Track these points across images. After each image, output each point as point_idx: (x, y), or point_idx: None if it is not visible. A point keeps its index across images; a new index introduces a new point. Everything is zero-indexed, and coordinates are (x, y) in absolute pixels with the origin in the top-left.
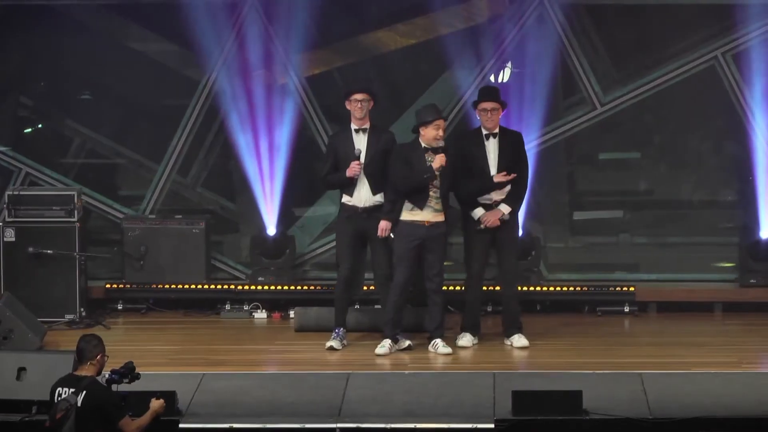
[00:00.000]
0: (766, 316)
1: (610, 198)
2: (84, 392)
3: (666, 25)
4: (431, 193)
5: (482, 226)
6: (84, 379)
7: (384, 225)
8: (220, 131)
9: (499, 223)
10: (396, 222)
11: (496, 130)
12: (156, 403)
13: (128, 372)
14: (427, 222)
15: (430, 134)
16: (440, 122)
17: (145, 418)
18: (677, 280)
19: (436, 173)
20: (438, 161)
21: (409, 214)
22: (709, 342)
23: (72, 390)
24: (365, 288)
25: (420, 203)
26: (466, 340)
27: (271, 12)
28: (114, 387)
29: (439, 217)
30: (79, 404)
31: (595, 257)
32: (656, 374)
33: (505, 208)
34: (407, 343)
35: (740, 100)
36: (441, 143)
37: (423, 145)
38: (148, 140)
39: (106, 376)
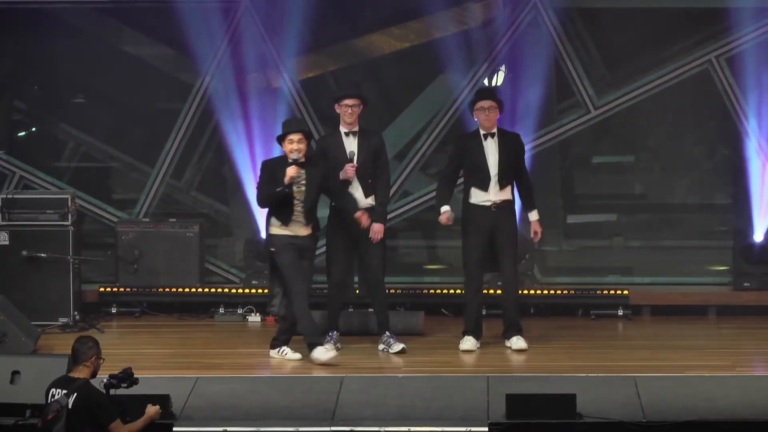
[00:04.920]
0: (760, 319)
1: (604, 201)
2: (75, 394)
3: (660, 28)
4: (297, 208)
5: (443, 220)
6: (76, 380)
7: (377, 228)
8: (214, 135)
9: (540, 236)
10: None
11: (494, 130)
12: (151, 409)
13: (126, 377)
14: (299, 236)
15: (285, 148)
16: (293, 136)
17: (137, 424)
18: (671, 283)
19: (287, 186)
20: (287, 174)
21: (278, 229)
22: (703, 345)
23: (64, 391)
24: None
25: (284, 218)
26: (469, 343)
27: (265, 15)
28: (112, 392)
29: (308, 231)
30: (70, 406)
31: (589, 260)
32: (650, 377)
33: (535, 215)
34: (401, 346)
35: (734, 104)
36: (296, 156)
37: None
38: (141, 144)
39: (105, 380)
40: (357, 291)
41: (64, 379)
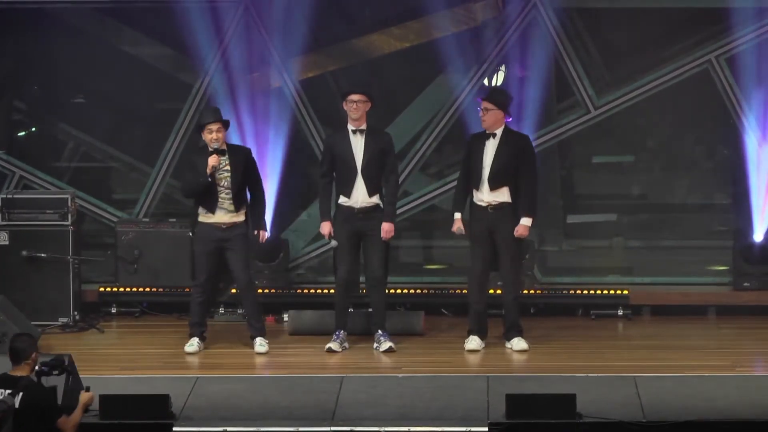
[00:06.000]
0: (760, 319)
1: (604, 201)
2: (22, 393)
3: (660, 28)
4: (221, 195)
5: (455, 230)
6: (21, 379)
7: (387, 227)
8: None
9: (525, 234)
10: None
11: (495, 131)
12: (85, 396)
13: (58, 365)
14: (224, 224)
15: (205, 138)
16: (212, 126)
17: (77, 414)
18: (671, 283)
19: (210, 176)
20: (209, 163)
21: (204, 217)
22: (703, 345)
23: (8, 391)
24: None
25: (210, 206)
26: (474, 343)
27: (265, 15)
28: (44, 380)
29: (237, 218)
30: (17, 405)
31: (589, 260)
32: (650, 377)
33: (525, 221)
34: (389, 344)
35: (734, 104)
36: (216, 145)
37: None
38: (141, 144)
39: (36, 368)
40: (364, 290)
41: (6, 378)
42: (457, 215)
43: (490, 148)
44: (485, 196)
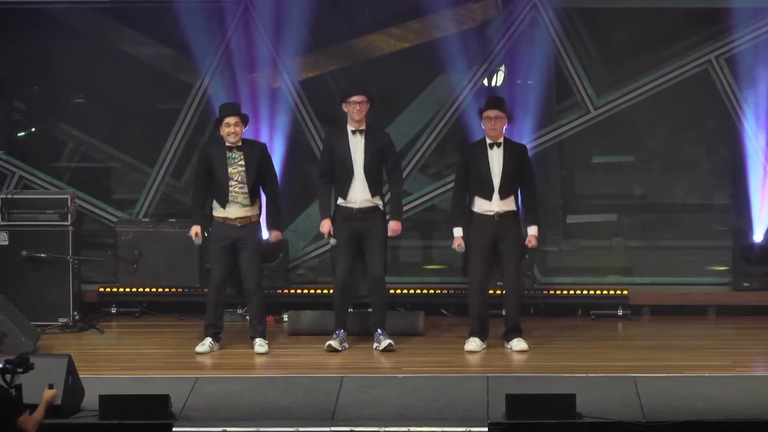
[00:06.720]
0: (760, 319)
1: (604, 201)
2: None
3: (660, 28)
4: (235, 190)
5: (455, 247)
6: None
7: (394, 226)
8: (214, 135)
9: (536, 244)
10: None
11: (500, 140)
12: (48, 393)
13: (23, 362)
14: (239, 220)
15: (223, 132)
16: (230, 119)
17: (40, 412)
18: (671, 283)
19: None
20: (192, 232)
21: (217, 212)
22: (703, 345)
23: None
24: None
25: (221, 200)
26: (474, 344)
27: (265, 15)
28: (8, 377)
29: (251, 212)
30: None
31: (589, 261)
32: (650, 377)
33: (533, 231)
34: (388, 341)
35: (734, 104)
36: (233, 139)
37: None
38: (141, 144)
39: (0, 365)
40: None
41: None
42: (459, 232)
43: (497, 156)
44: (495, 205)
